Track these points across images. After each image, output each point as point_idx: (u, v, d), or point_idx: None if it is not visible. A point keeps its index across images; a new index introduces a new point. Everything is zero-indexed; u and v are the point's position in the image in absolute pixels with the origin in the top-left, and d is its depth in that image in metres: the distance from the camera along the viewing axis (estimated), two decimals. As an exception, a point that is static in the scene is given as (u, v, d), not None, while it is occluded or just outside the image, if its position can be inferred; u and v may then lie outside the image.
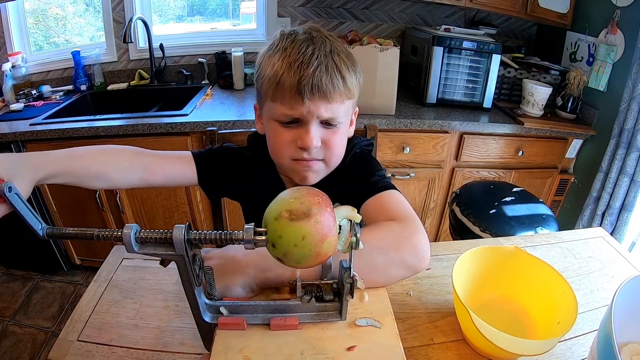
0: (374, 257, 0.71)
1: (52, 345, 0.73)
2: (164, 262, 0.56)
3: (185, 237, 0.53)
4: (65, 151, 0.78)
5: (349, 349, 0.64)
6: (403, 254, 0.73)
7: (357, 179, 0.92)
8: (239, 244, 0.54)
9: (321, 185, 0.92)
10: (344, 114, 0.84)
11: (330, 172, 0.93)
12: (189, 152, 0.98)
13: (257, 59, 0.88)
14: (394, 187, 0.88)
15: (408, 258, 0.73)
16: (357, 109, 0.95)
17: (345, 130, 0.89)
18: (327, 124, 0.84)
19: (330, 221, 0.53)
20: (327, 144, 0.85)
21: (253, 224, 0.54)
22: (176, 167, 0.95)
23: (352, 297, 0.63)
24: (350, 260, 0.61)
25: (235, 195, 1.10)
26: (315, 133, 0.82)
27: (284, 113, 0.81)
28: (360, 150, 1.00)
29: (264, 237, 0.54)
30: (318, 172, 0.89)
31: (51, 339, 2.03)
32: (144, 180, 0.90)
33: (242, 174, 1.02)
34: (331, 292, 0.67)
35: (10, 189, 0.61)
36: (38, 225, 0.59)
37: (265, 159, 0.96)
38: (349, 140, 0.96)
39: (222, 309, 0.65)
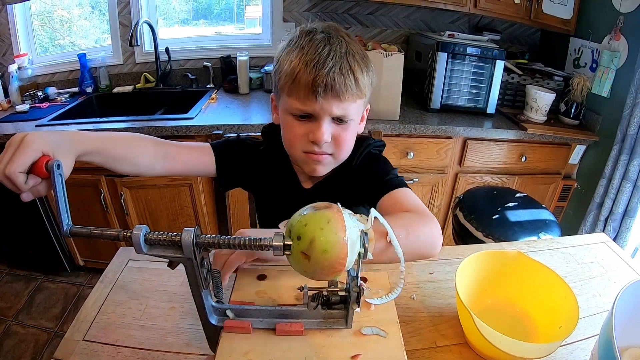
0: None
1: (54, 346, 0.74)
2: (172, 264, 0.57)
3: (194, 241, 0.53)
4: (99, 133, 0.84)
5: (353, 357, 0.64)
6: (420, 235, 0.81)
7: (371, 177, 0.97)
8: (268, 250, 0.55)
9: (336, 183, 1.00)
10: (354, 111, 0.89)
11: (338, 164, 0.98)
12: (208, 143, 1.03)
13: (276, 53, 0.92)
14: (406, 185, 0.94)
15: (425, 239, 0.82)
16: (368, 106, 0.99)
17: (355, 127, 0.93)
18: (338, 120, 0.88)
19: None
20: (337, 139, 0.90)
21: (282, 231, 0.56)
22: (196, 157, 1.01)
23: (358, 306, 0.63)
24: (358, 269, 0.61)
25: (249, 185, 1.14)
26: (327, 129, 0.87)
27: (298, 108, 0.86)
28: (374, 151, 1.05)
29: (289, 241, 0.55)
30: (327, 165, 0.95)
31: (54, 339, 2.03)
32: (165, 168, 0.95)
33: (256, 166, 1.06)
34: (338, 299, 0.67)
35: (59, 166, 0.62)
36: (66, 219, 0.60)
37: (279, 150, 1.00)
38: (361, 139, 1.03)
39: (229, 312, 0.66)
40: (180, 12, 2.88)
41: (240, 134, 1.12)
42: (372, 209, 0.62)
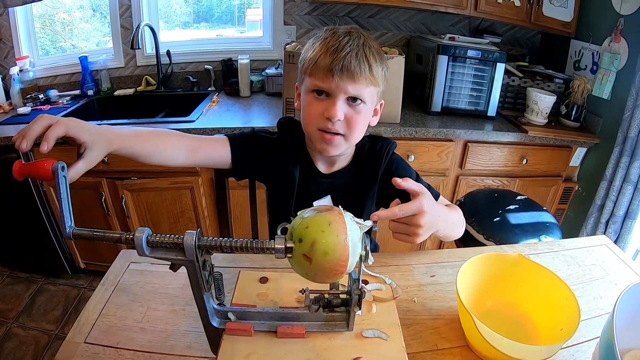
0: (456, 216, 1.05)
1: (55, 348, 0.74)
2: (173, 267, 0.57)
3: (197, 243, 0.53)
4: (130, 130, 0.92)
5: (355, 360, 0.64)
6: (461, 217, 1.08)
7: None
8: (271, 253, 0.56)
9: (353, 172, 1.13)
10: (367, 96, 0.97)
11: (348, 147, 1.06)
12: (224, 135, 1.11)
13: (303, 49, 1.03)
14: (435, 190, 1.13)
15: (463, 220, 1.08)
16: (382, 101, 1.07)
17: (367, 114, 1.01)
18: (352, 100, 0.96)
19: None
20: (349, 120, 0.97)
21: (284, 237, 0.56)
22: (215, 148, 1.08)
23: (360, 309, 0.63)
24: (359, 272, 0.61)
25: (263, 175, 1.19)
26: (340, 107, 0.95)
27: (316, 85, 0.96)
28: (395, 155, 1.16)
29: (291, 243, 0.55)
30: (337, 146, 1.01)
31: (54, 341, 2.03)
32: (188, 158, 1.03)
33: (271, 155, 1.13)
34: (339, 302, 0.67)
35: (63, 168, 0.64)
36: (68, 222, 0.61)
37: (294, 138, 1.11)
38: (377, 137, 1.15)
39: (230, 315, 0.66)
40: (182, 15, 2.89)
41: (255, 128, 1.18)
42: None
